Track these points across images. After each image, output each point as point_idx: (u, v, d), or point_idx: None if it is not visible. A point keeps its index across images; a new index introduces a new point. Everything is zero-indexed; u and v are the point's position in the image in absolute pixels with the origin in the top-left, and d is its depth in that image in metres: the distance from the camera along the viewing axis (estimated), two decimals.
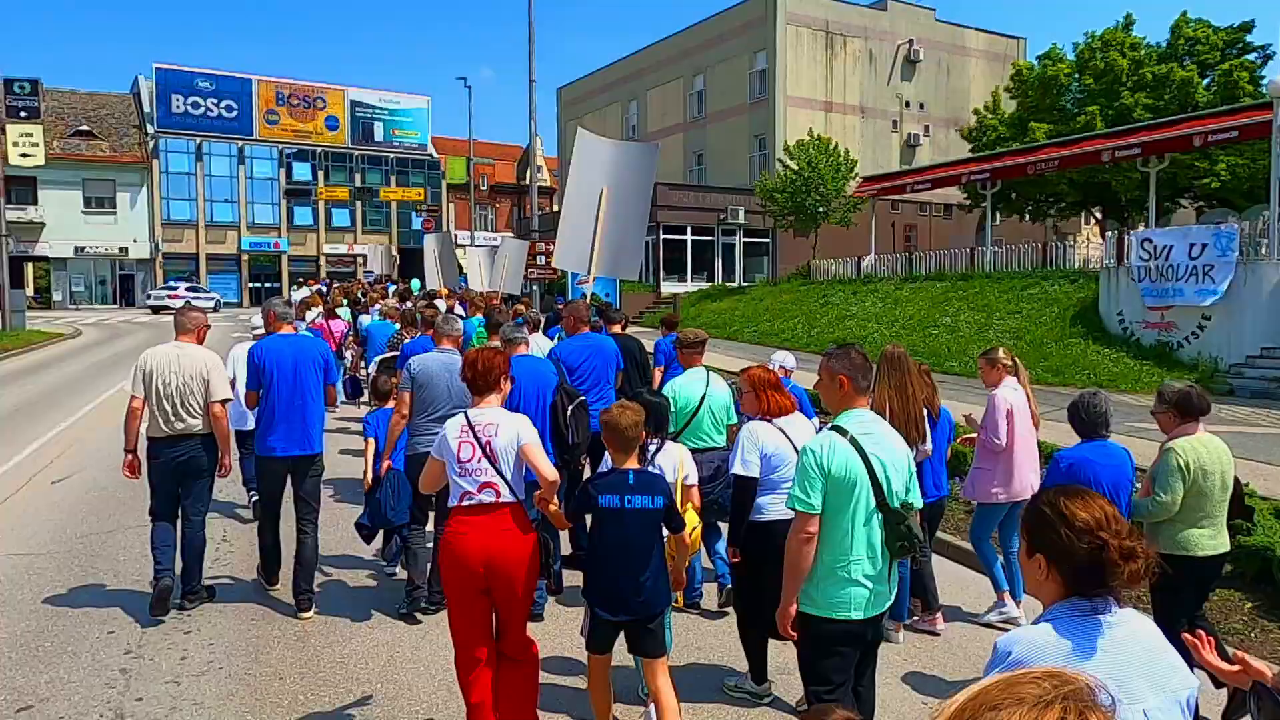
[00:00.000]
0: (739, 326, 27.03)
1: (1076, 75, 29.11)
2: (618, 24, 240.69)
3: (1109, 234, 20.68)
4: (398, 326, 12.87)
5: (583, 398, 6.53)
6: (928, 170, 28.87)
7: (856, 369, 3.74)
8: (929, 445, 5.80)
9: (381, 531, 6.66)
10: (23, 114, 31.80)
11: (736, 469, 4.68)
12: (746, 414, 5.08)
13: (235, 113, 57.30)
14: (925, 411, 5.71)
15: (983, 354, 6.61)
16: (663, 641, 4.29)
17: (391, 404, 7.08)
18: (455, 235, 43.60)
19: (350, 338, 15.79)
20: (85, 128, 53.74)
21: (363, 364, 13.70)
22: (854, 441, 3.62)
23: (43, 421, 13.70)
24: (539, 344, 11.06)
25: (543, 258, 22.84)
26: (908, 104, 42.20)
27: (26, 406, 15.36)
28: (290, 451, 6.08)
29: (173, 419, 5.81)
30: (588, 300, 11.97)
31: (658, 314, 28.92)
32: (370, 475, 6.46)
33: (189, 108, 55.93)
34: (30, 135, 32.11)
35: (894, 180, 29.49)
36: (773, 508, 4.69)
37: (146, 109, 55.97)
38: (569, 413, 6.25)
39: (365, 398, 12.95)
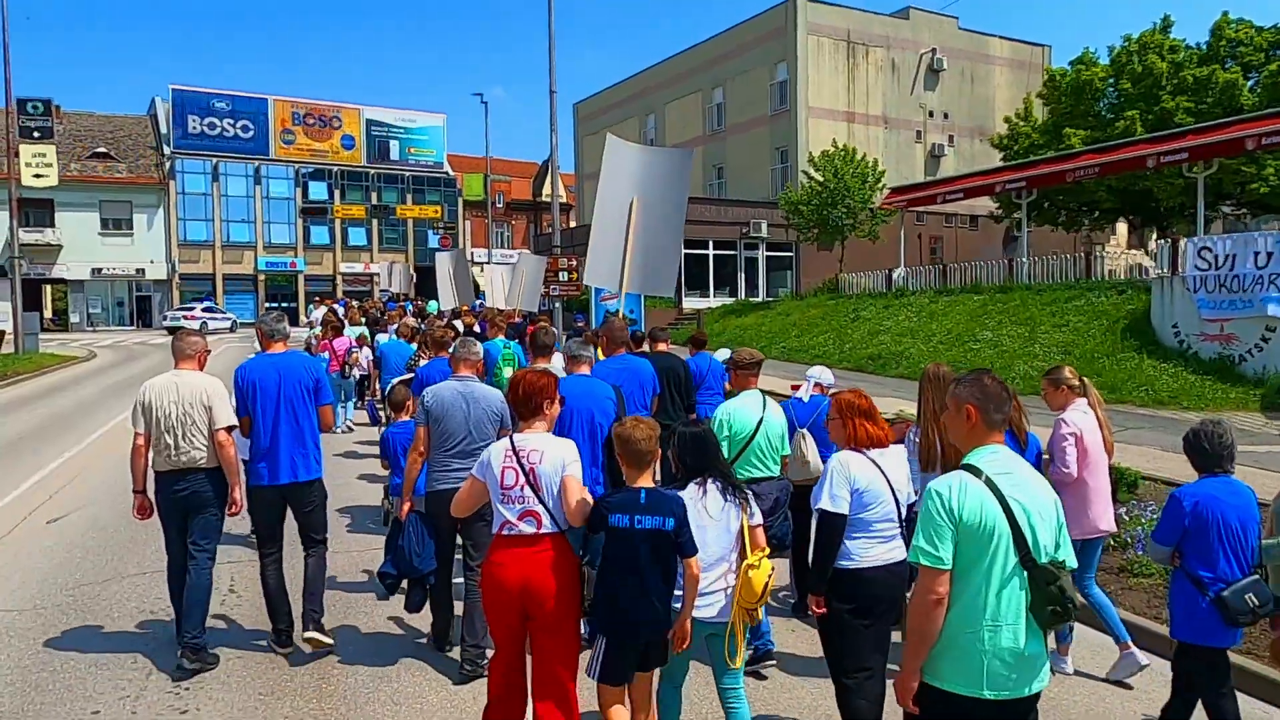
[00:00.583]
0: (766, 343, 26.18)
1: (1112, 80, 28.20)
2: (631, 40, 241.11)
3: (1162, 242, 19.76)
4: (415, 347, 12.20)
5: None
6: (959, 180, 28.01)
7: (989, 398, 3.14)
8: None
9: (406, 580, 5.92)
10: (36, 134, 31.45)
11: (824, 504, 4.10)
12: (833, 443, 4.54)
13: (251, 133, 57.11)
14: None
15: (1047, 374, 5.95)
16: (666, 654, 4.06)
17: (408, 416, 6.86)
18: (472, 253, 43.01)
19: (354, 355, 15.07)
20: (102, 150, 53.70)
21: (379, 387, 13.14)
22: (990, 483, 3.01)
23: (48, 450, 13.03)
24: (558, 365, 10.80)
25: (565, 274, 22.11)
26: (931, 114, 41.45)
27: (33, 434, 14.70)
28: (279, 479, 5.63)
29: (175, 451, 5.43)
30: (621, 317, 11.24)
31: (681, 330, 28.34)
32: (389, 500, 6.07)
33: (205, 128, 55.78)
34: (44, 155, 31.74)
35: (924, 191, 28.65)
36: (865, 552, 4.13)
37: (163, 130, 55.86)
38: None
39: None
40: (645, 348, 10.00)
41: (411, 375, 11.01)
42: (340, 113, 60.49)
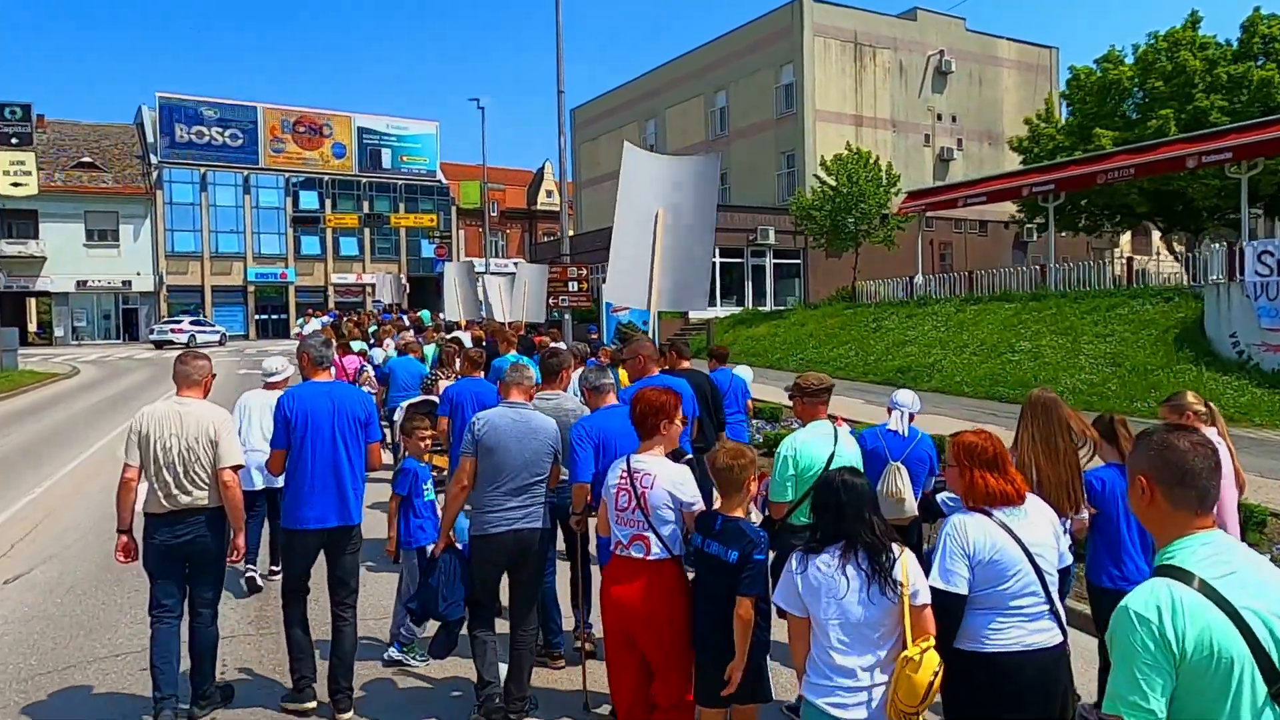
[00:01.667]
0: (781, 355, 25.05)
1: (1137, 78, 27.12)
2: (629, 46, 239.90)
3: (1215, 247, 18.66)
4: (428, 367, 11.04)
5: (688, 456, 5.41)
6: (982, 183, 26.91)
7: (1178, 470, 2.23)
8: (1085, 514, 4.60)
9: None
10: (14, 140, 30.14)
11: (935, 580, 3.32)
12: (952, 495, 4.00)
13: (240, 141, 55.90)
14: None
15: (1168, 400, 5.19)
16: (765, 689, 3.91)
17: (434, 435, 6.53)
18: (471, 263, 41.77)
19: (366, 374, 14.20)
20: (87, 159, 52.50)
21: (384, 408, 12.04)
22: (1210, 592, 2.10)
23: (15, 486, 11.72)
24: (573, 394, 10.05)
25: (575, 283, 20.91)
26: (940, 117, 40.46)
27: None
28: (327, 523, 5.11)
29: (175, 492, 4.86)
30: (633, 330, 10.21)
31: (690, 342, 27.17)
32: (395, 543, 5.70)
33: (193, 137, 54.53)
34: (22, 163, 30.48)
35: (943, 194, 27.51)
36: (999, 634, 3.30)
37: (150, 139, 54.61)
38: None
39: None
40: (686, 364, 9.03)
41: (429, 397, 9.93)
42: (331, 120, 59.33)
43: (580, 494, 5.01)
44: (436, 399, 9.30)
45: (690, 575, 4.15)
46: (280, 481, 5.68)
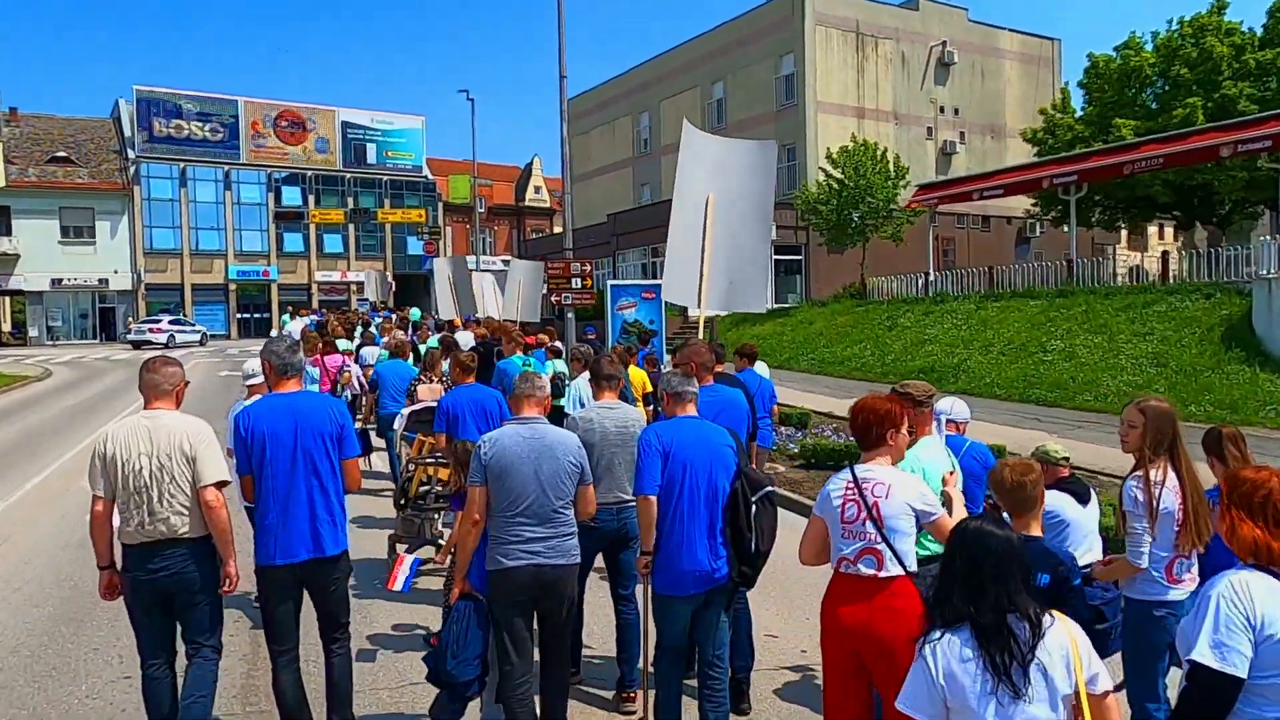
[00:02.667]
0: (791, 354, 24.01)
1: (1161, 66, 26.13)
2: (620, 38, 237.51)
3: (1266, 240, 17.68)
4: (418, 370, 10.16)
5: (770, 487, 4.61)
6: (999, 175, 25.92)
7: None
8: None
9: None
10: None
11: (1202, 655, 2.46)
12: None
13: (221, 135, 54.40)
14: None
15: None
16: None
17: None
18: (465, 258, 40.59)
19: (346, 374, 13.20)
20: (62, 154, 51.01)
21: (374, 415, 11.10)
22: None
23: None
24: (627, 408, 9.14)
25: (578, 280, 19.76)
26: (942, 109, 39.51)
27: None
28: (296, 555, 4.51)
29: (149, 520, 4.24)
30: (706, 338, 9.15)
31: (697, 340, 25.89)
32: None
33: (172, 131, 53.04)
34: None
35: (956, 188, 26.48)
36: None
37: (127, 133, 53.10)
38: (753, 507, 4.46)
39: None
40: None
41: (424, 405, 8.91)
42: (314, 114, 57.88)
43: (646, 509, 4.40)
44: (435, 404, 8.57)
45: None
46: None
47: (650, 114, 45.30)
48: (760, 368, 11.22)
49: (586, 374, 10.78)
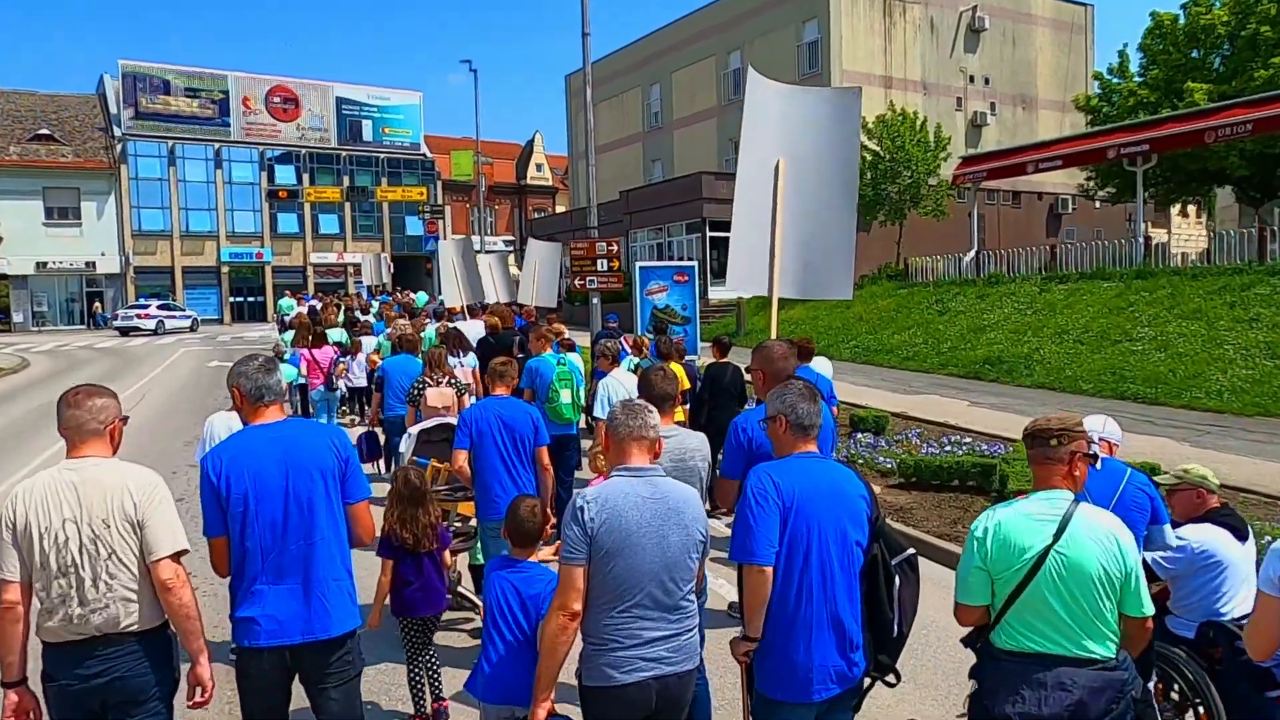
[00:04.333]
0: (831, 341, 22.11)
1: (1234, 24, 24.00)
2: (628, 6, 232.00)
3: None
4: (423, 365, 8.74)
5: (911, 550, 3.49)
6: (1056, 145, 23.90)
7: None
8: None
9: None
10: None
11: None
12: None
13: (211, 112, 52.21)
14: None
15: None
16: None
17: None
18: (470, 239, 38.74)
19: (340, 366, 12.55)
20: (45, 131, 48.87)
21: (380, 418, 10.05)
22: None
23: None
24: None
25: (605, 262, 17.81)
26: (972, 79, 37.52)
27: None
28: (287, 637, 3.45)
29: (80, 611, 3.24)
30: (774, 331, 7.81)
31: (712, 327, 24.20)
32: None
33: (159, 108, 50.82)
34: None
35: (1007, 159, 24.42)
36: None
37: (113, 110, 50.92)
38: (894, 577, 3.37)
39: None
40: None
41: (440, 421, 7.20)
42: (308, 90, 55.64)
43: (759, 586, 3.24)
44: (454, 420, 7.25)
45: None
46: None
47: (661, 86, 43.23)
48: (820, 364, 9.52)
49: (616, 370, 9.05)
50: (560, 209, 61.36)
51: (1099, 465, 4.06)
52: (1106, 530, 3.10)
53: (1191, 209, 46.53)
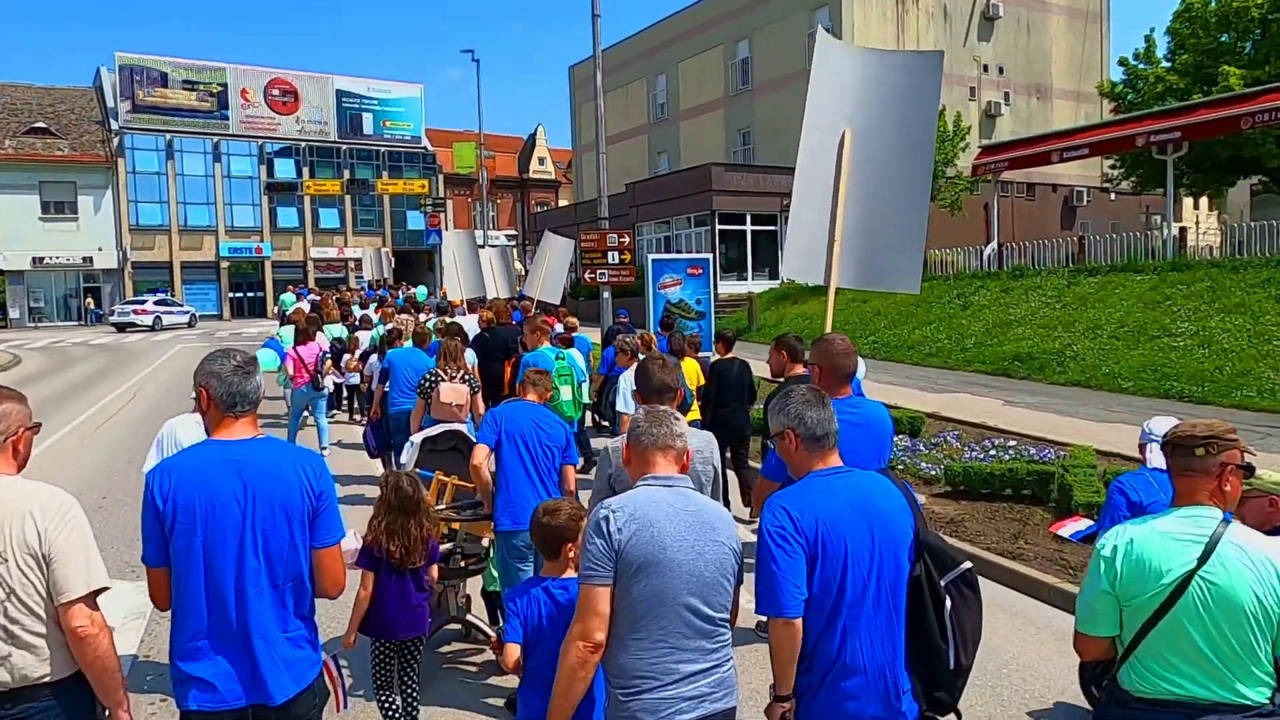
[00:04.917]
0: (848, 336, 21.30)
1: (1269, 6, 23.17)
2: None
3: None
4: (435, 360, 8.30)
5: (966, 564, 2.99)
6: (1083, 132, 23.08)
7: None
8: None
9: None
10: None
11: None
12: None
13: (209, 104, 51.41)
14: None
15: None
16: None
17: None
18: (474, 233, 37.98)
19: (327, 364, 11.91)
20: (41, 124, 48.16)
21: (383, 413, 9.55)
22: None
23: None
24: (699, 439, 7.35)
25: (616, 254, 17.07)
26: (985, 68, 36.74)
27: None
28: (230, 702, 2.89)
29: None
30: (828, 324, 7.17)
31: (723, 321, 23.44)
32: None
33: (157, 101, 50.03)
34: None
35: (1030, 148, 23.58)
36: None
37: (110, 103, 50.11)
38: (944, 599, 2.95)
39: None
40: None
41: (452, 426, 6.57)
42: (308, 83, 54.82)
43: (787, 640, 2.78)
44: (462, 427, 6.88)
45: None
46: None
47: (667, 76, 42.45)
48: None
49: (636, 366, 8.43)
50: (563, 203, 60.59)
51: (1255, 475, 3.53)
52: (1262, 555, 2.64)
53: (1204, 201, 45.77)
